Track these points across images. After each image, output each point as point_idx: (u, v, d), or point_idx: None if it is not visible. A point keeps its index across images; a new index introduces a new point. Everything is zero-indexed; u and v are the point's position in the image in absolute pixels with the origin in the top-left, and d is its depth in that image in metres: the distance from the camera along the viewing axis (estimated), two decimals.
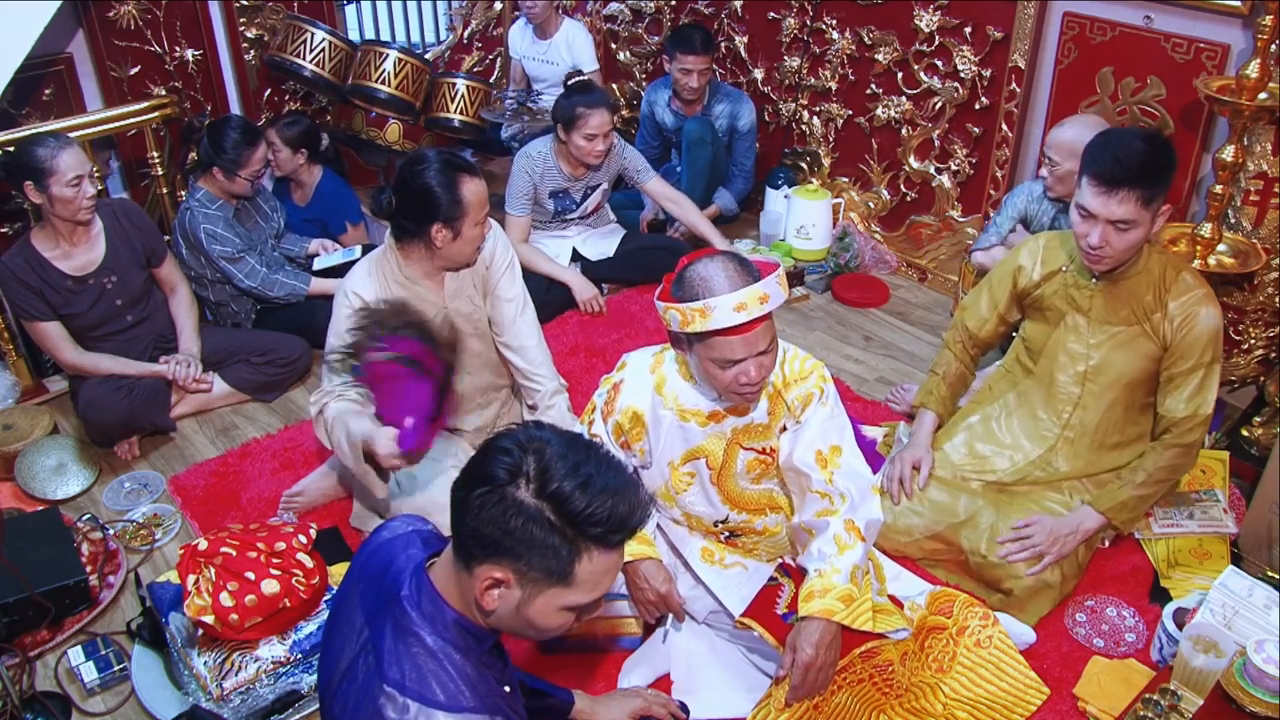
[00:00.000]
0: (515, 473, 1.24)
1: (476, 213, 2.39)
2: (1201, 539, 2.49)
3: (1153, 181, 2.12)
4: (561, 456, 1.25)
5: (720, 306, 1.79)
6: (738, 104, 4.04)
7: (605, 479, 1.26)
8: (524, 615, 1.30)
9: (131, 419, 2.94)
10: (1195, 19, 2.92)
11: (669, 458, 2.12)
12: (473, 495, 1.25)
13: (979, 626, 2.16)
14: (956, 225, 3.77)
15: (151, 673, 2.25)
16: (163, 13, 3.68)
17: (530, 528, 1.23)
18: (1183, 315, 2.26)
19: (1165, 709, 1.94)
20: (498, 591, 1.28)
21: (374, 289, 2.46)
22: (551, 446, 1.26)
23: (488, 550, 1.25)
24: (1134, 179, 2.10)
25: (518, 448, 1.26)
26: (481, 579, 1.27)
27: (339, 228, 3.79)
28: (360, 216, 3.86)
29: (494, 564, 1.26)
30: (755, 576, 2.17)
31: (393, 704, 1.27)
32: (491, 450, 1.28)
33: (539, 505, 1.23)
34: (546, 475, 1.24)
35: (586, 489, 1.23)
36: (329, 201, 3.77)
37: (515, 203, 3.58)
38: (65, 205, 2.76)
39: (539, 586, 1.27)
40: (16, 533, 2.44)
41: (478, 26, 4.83)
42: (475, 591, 1.28)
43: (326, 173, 3.82)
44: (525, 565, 1.26)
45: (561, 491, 1.23)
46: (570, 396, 2.76)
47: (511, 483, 1.24)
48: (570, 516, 1.23)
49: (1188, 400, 2.29)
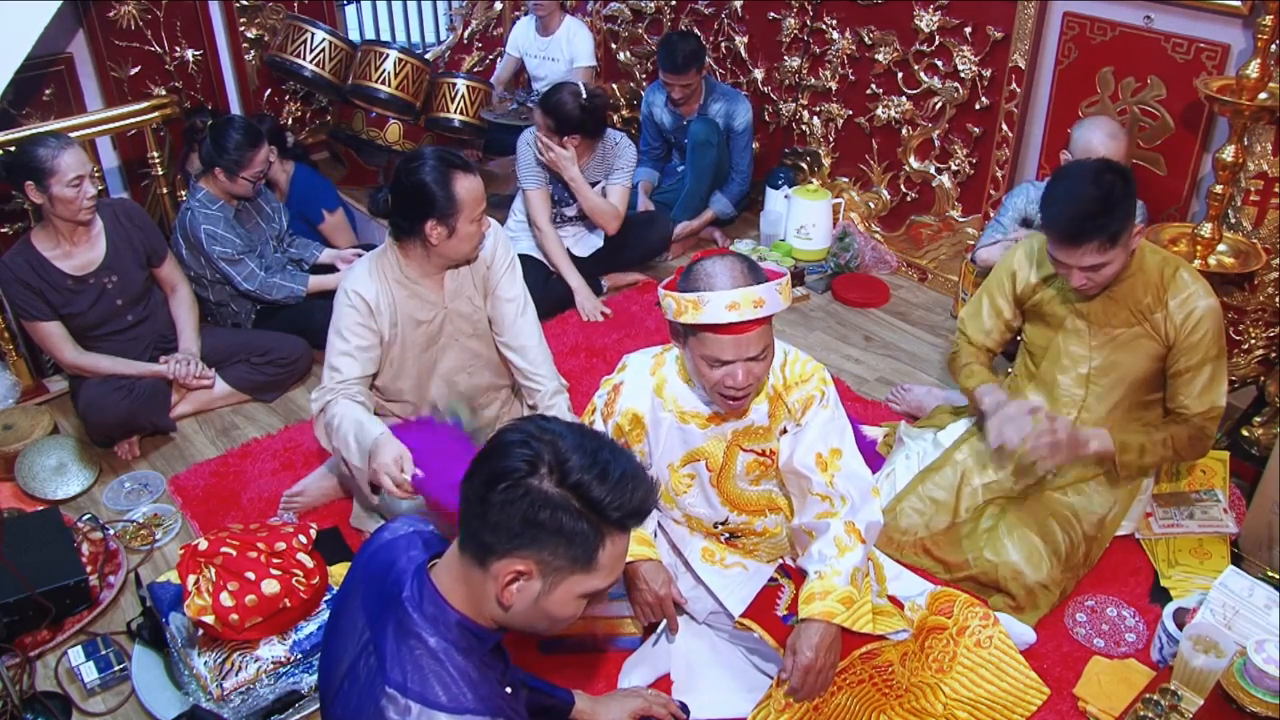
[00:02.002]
0: (535, 464, 1.25)
1: (471, 209, 2.38)
2: (1201, 539, 2.49)
3: (1110, 224, 2.12)
4: (577, 447, 1.27)
5: (713, 301, 1.79)
6: (734, 104, 4.04)
7: (620, 465, 1.28)
8: (541, 606, 1.31)
9: (132, 419, 2.94)
10: (1195, 19, 2.92)
11: (669, 459, 2.12)
12: (494, 492, 1.25)
13: (979, 627, 2.16)
14: (957, 225, 3.77)
15: (152, 673, 2.25)
16: (163, 13, 3.69)
17: (560, 517, 1.25)
18: (1184, 312, 2.26)
19: (1165, 709, 1.95)
20: (518, 584, 1.29)
21: (374, 288, 2.46)
22: (564, 438, 1.28)
23: (511, 543, 1.26)
24: (1091, 231, 2.11)
25: (532, 439, 1.27)
26: (503, 573, 1.27)
27: (317, 217, 3.78)
28: (337, 202, 3.84)
29: (516, 557, 1.27)
30: (755, 577, 2.17)
31: (394, 705, 1.27)
32: (503, 445, 1.29)
33: (564, 494, 1.25)
34: (566, 465, 1.25)
35: (606, 476, 1.26)
36: (302, 193, 3.77)
37: (527, 178, 3.58)
38: (66, 205, 2.76)
39: (561, 575, 1.29)
40: (16, 533, 2.44)
41: (478, 26, 4.84)
42: (495, 587, 1.29)
43: (298, 166, 3.82)
44: (550, 555, 1.27)
45: (583, 480, 1.25)
46: (570, 396, 2.76)
47: (533, 474, 1.25)
48: (593, 503, 1.25)
49: (1200, 395, 2.29)
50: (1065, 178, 2.21)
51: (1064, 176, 2.23)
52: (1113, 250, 2.15)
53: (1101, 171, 2.16)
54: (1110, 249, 2.14)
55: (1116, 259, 2.18)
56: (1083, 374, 2.41)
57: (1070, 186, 2.15)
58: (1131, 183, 2.16)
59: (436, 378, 2.63)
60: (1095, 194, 2.11)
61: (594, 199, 3.55)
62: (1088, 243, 2.13)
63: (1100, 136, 2.78)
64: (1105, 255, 2.15)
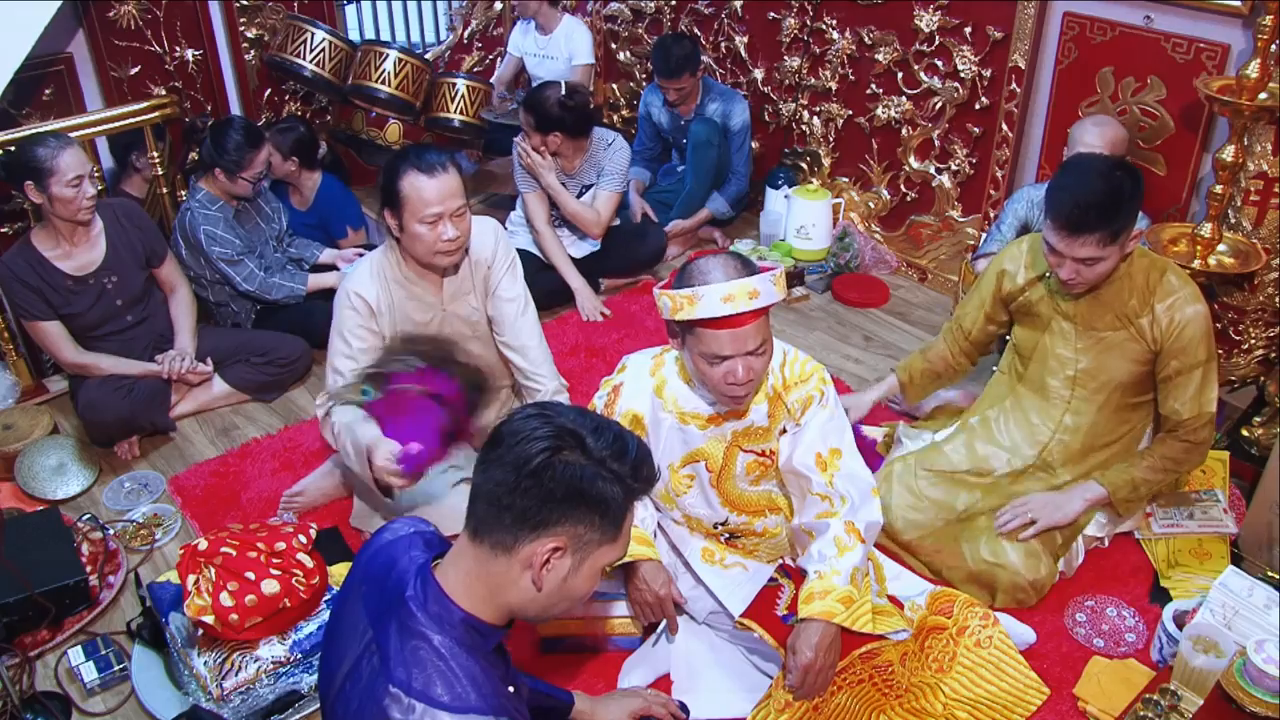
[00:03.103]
0: (560, 441, 1.28)
1: (417, 208, 2.32)
2: (1201, 539, 2.49)
3: (1115, 220, 2.11)
4: (590, 425, 1.31)
5: (708, 295, 1.79)
6: (730, 103, 4.04)
7: (630, 439, 1.33)
8: (568, 584, 1.34)
9: (131, 419, 2.94)
10: (1195, 19, 2.91)
11: (669, 460, 2.12)
12: (524, 475, 1.26)
13: (979, 626, 2.16)
14: (956, 225, 3.77)
15: (151, 673, 2.25)
16: (163, 13, 3.68)
17: (599, 485, 1.28)
18: (1170, 317, 2.24)
19: (1165, 709, 1.95)
20: (550, 564, 1.30)
21: (374, 289, 2.45)
22: (574, 418, 1.32)
23: (546, 523, 1.28)
24: (1094, 223, 2.11)
25: (546, 421, 1.30)
26: (539, 553, 1.29)
27: (340, 232, 3.79)
28: (362, 221, 3.86)
29: (550, 535, 1.29)
30: (755, 577, 2.17)
31: (398, 704, 1.27)
32: (518, 430, 1.30)
33: (595, 466, 1.28)
34: (585, 441, 1.29)
35: (624, 449, 1.31)
36: (329, 206, 3.77)
37: (522, 181, 3.60)
38: (65, 205, 2.76)
39: (590, 549, 1.32)
40: (16, 533, 2.44)
41: (478, 26, 4.84)
42: (531, 570, 1.30)
43: (326, 177, 3.81)
44: (585, 528, 1.30)
45: (606, 453, 1.29)
46: (570, 396, 2.76)
47: (560, 451, 1.27)
48: (617, 474, 1.29)
49: (1191, 400, 2.28)
50: (1076, 168, 2.20)
51: (1074, 167, 2.22)
52: (1110, 247, 2.15)
53: (1113, 168, 2.16)
54: (1109, 245, 2.14)
55: (1111, 257, 2.18)
56: (1069, 376, 2.41)
57: (1080, 177, 2.15)
58: (1140, 184, 2.15)
59: None
60: (1104, 188, 2.10)
61: (573, 205, 3.56)
62: (1088, 234, 2.12)
63: (1093, 132, 2.80)
64: (1102, 250, 2.14)
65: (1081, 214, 2.11)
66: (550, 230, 3.63)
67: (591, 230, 3.63)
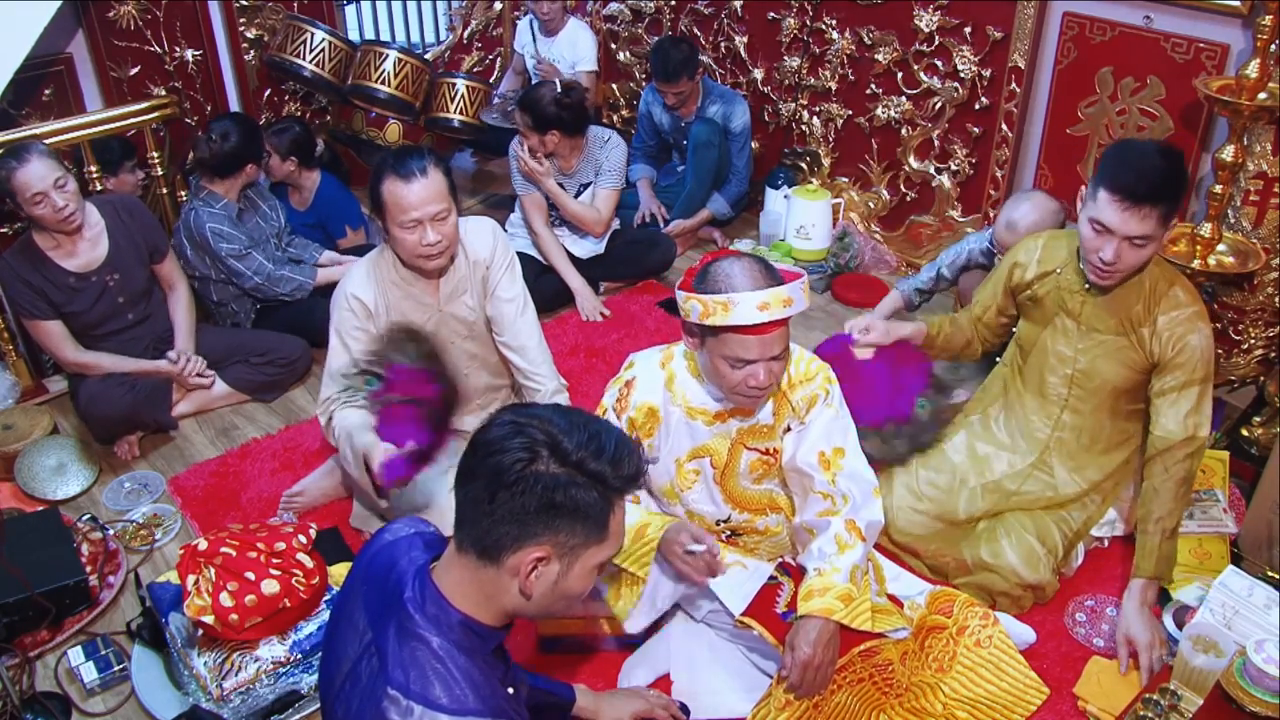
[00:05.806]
0: (534, 450, 1.27)
1: (397, 213, 2.31)
2: (1201, 539, 2.49)
3: (1172, 198, 2.09)
4: (566, 426, 1.29)
5: (744, 302, 1.79)
6: (730, 105, 4.04)
7: (611, 435, 1.32)
8: (560, 587, 1.33)
9: (134, 414, 2.94)
10: (1195, 19, 2.92)
11: (676, 454, 2.12)
12: (501, 489, 1.26)
13: (979, 626, 2.16)
14: (956, 225, 3.77)
15: (151, 673, 2.25)
16: (163, 13, 3.68)
17: (574, 494, 1.27)
18: (1170, 333, 2.22)
19: (1165, 709, 1.95)
20: (537, 571, 1.30)
21: (371, 290, 2.45)
22: (551, 420, 1.30)
23: (527, 533, 1.27)
24: (1156, 195, 2.05)
25: (521, 427, 1.29)
26: (524, 564, 1.29)
27: (339, 232, 3.79)
28: (361, 221, 3.86)
29: (534, 545, 1.28)
30: (755, 575, 2.16)
31: (396, 706, 1.27)
32: (494, 440, 1.29)
33: (569, 472, 1.27)
34: (562, 445, 1.27)
35: (602, 448, 1.29)
36: (328, 206, 3.77)
37: (519, 183, 3.60)
38: (42, 219, 2.75)
39: (577, 552, 1.31)
40: (16, 533, 2.44)
41: (478, 26, 4.83)
42: (518, 579, 1.30)
43: (326, 177, 3.81)
44: (566, 535, 1.29)
45: (583, 455, 1.27)
46: (570, 396, 2.76)
47: (535, 461, 1.26)
48: (596, 475, 1.28)
49: (1185, 418, 2.22)
50: (1132, 148, 2.15)
51: (1130, 146, 2.17)
52: (1161, 228, 2.10)
53: (1169, 150, 2.13)
54: (1161, 226, 2.09)
55: (1152, 245, 2.13)
56: (1068, 374, 2.40)
57: (1141, 153, 2.10)
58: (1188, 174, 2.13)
59: None
60: (1165, 164, 2.07)
61: (573, 207, 3.57)
62: (1150, 206, 2.06)
63: (1024, 206, 2.79)
64: (1153, 230, 2.08)
65: (1146, 185, 2.04)
66: (548, 232, 3.63)
67: (593, 229, 3.63)
